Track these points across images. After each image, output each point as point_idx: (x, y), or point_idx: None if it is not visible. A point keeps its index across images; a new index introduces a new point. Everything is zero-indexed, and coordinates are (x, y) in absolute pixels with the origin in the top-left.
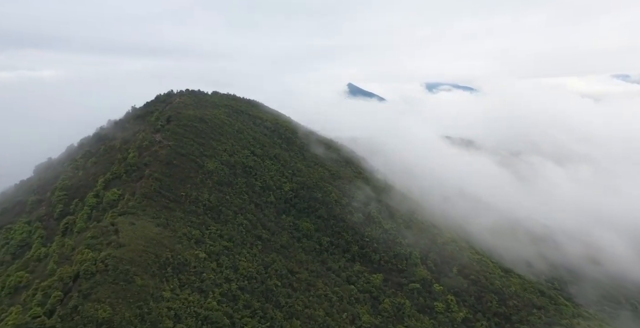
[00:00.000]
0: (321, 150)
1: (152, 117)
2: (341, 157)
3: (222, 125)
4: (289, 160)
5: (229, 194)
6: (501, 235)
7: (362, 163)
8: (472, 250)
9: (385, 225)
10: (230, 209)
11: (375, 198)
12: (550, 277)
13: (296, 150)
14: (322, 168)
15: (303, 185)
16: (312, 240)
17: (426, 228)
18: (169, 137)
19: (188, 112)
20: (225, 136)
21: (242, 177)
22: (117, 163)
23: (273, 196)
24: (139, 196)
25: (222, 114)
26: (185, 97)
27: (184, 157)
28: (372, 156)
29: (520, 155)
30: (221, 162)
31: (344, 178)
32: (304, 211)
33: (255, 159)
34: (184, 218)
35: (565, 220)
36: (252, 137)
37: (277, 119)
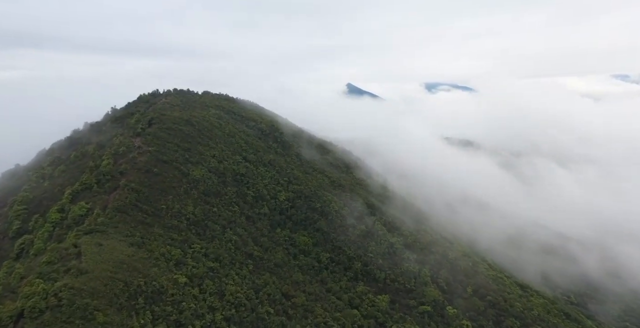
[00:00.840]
0: (320, 155)
1: (132, 119)
2: (341, 162)
3: (212, 128)
4: (285, 167)
5: (216, 206)
6: (512, 245)
7: (363, 168)
8: (485, 265)
9: (391, 238)
10: (218, 223)
11: (378, 208)
12: (566, 289)
13: (293, 155)
14: (321, 175)
15: (300, 194)
16: (310, 256)
17: (435, 241)
18: (150, 141)
19: (173, 113)
20: (215, 140)
21: (233, 186)
22: (88, 172)
23: (267, 207)
24: (111, 210)
25: (212, 116)
26: (172, 97)
27: (167, 165)
28: (372, 159)
29: (522, 156)
30: (209, 170)
31: (344, 185)
32: (300, 223)
33: (248, 166)
34: (163, 235)
35: (578, 228)
36: (245, 141)
37: (273, 120)
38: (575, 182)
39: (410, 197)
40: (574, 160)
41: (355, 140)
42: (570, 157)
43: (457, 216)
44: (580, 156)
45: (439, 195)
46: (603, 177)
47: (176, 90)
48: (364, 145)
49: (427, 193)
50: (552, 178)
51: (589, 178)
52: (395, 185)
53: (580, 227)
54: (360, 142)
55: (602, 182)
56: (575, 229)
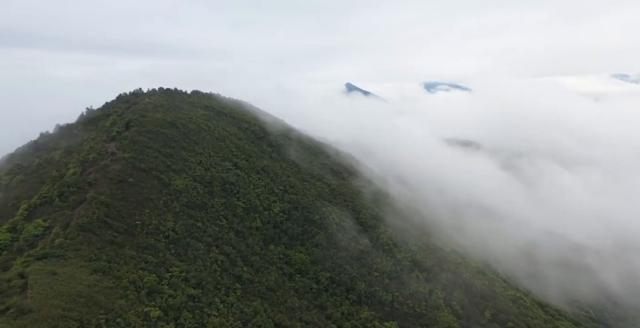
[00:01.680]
0: (319, 160)
1: (107, 121)
2: (341, 167)
3: (199, 131)
4: (280, 174)
5: (201, 220)
6: (525, 256)
7: (364, 173)
8: (502, 283)
9: (397, 254)
10: (202, 241)
11: (382, 218)
12: (584, 303)
13: (289, 161)
14: (320, 183)
15: (297, 205)
16: (307, 276)
17: (446, 257)
18: (126, 147)
19: (155, 115)
20: (201, 145)
21: (221, 196)
22: (49, 182)
23: (259, 220)
24: (74, 229)
25: (200, 118)
26: (156, 97)
27: (144, 173)
28: (371, 161)
29: (523, 157)
30: (194, 178)
31: (346, 194)
32: (297, 238)
33: (238, 173)
34: (135, 257)
35: (590, 235)
36: (236, 146)
37: (269, 122)
38: (580, 184)
39: (414, 203)
40: (576, 161)
41: (354, 142)
42: (571, 158)
43: (464, 224)
44: (582, 157)
45: (442, 200)
46: (607, 179)
47: (162, 89)
48: (362, 146)
49: (430, 198)
50: (557, 181)
51: (594, 180)
52: (397, 190)
53: (592, 234)
54: (359, 143)
55: (607, 184)
56: (587, 237)
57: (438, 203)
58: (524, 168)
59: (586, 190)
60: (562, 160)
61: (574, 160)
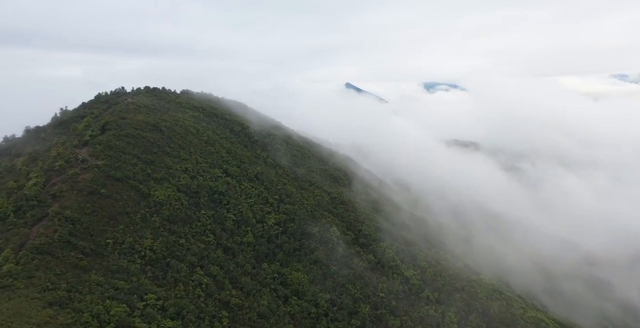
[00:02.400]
0: (318, 165)
1: (80, 123)
2: (342, 173)
3: (185, 134)
4: (276, 181)
5: (185, 236)
6: (538, 268)
7: (366, 178)
8: (521, 303)
9: (405, 271)
10: (185, 260)
11: (387, 230)
12: (604, 319)
13: (286, 166)
14: (320, 191)
15: (294, 216)
16: (305, 299)
17: (459, 274)
18: (100, 153)
19: (137, 117)
20: (188, 150)
21: (208, 208)
22: (4, 195)
23: (252, 234)
24: (29, 251)
25: (188, 120)
26: (140, 96)
27: (120, 183)
28: (372, 164)
29: (526, 158)
30: (178, 188)
31: (347, 203)
32: (294, 254)
33: (229, 181)
34: (103, 284)
35: (602, 243)
36: (227, 150)
37: (265, 124)
38: (585, 187)
39: (417, 210)
40: (579, 162)
41: (353, 143)
42: (573, 159)
43: (471, 232)
44: (584, 159)
45: (446, 206)
46: (612, 182)
47: (148, 89)
48: (361, 148)
49: (434, 204)
50: (560, 184)
51: (599, 183)
52: (399, 196)
53: (604, 242)
54: (358, 145)
55: (613, 187)
56: (599, 244)
57: (442, 210)
58: (526, 171)
59: (592, 193)
60: (564, 161)
61: (576, 162)
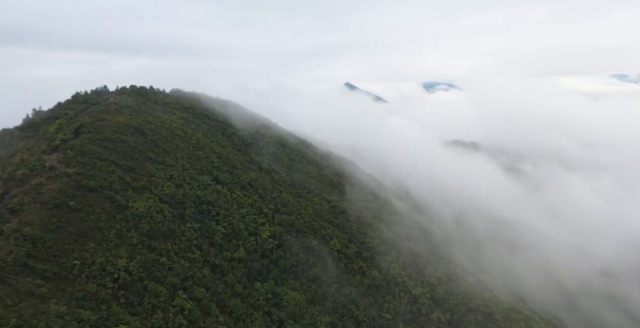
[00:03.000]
0: (317, 169)
1: (51, 126)
2: (343, 178)
3: (172, 138)
4: (271, 189)
5: (167, 254)
6: (553, 282)
7: (367, 182)
8: (540, 323)
9: (414, 289)
10: (166, 282)
11: (393, 242)
12: None
13: (283, 172)
14: (319, 199)
15: (290, 228)
16: (302, 323)
17: (472, 291)
18: (72, 159)
19: (118, 118)
20: (174, 155)
21: (195, 220)
22: None
23: (243, 249)
24: None
25: (175, 121)
26: (124, 96)
27: (93, 194)
28: (373, 167)
29: (527, 159)
30: (160, 199)
31: (348, 212)
32: (290, 270)
33: (220, 190)
34: (65, 315)
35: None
36: (218, 155)
37: (260, 126)
38: (591, 190)
39: (421, 217)
40: (582, 164)
41: (353, 145)
42: (576, 161)
43: (479, 241)
44: (587, 160)
45: (450, 212)
46: (618, 185)
47: (134, 88)
48: (361, 150)
49: (438, 210)
50: (565, 187)
51: (605, 185)
52: (402, 202)
53: (617, 250)
54: (358, 146)
55: (619, 190)
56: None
57: (446, 215)
58: (528, 172)
59: (598, 196)
60: (565, 162)
61: (578, 163)
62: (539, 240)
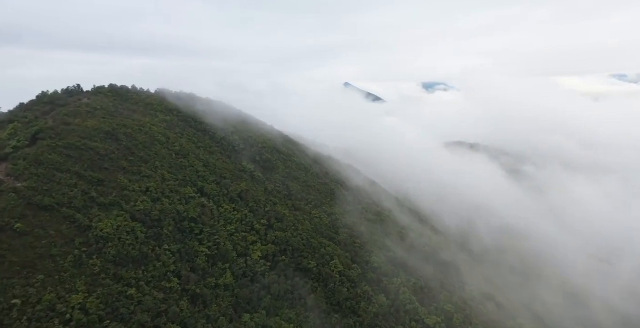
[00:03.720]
0: (316, 178)
1: (4, 130)
2: (344, 185)
3: (151, 143)
4: (264, 201)
5: (136, 284)
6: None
7: (369, 190)
8: None
9: (428, 318)
10: (132, 322)
11: (401, 262)
12: None
13: (277, 180)
14: (318, 211)
15: (286, 246)
16: None
17: (493, 318)
18: (24, 170)
19: (87, 122)
20: (153, 164)
21: (174, 240)
22: None
23: (230, 273)
24: None
25: (157, 125)
26: (100, 96)
27: (47, 213)
28: (374, 172)
29: (529, 161)
30: (132, 216)
31: (351, 226)
32: (284, 297)
33: (205, 203)
34: None
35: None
36: (204, 163)
37: (254, 129)
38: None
39: (427, 227)
40: (583, 165)
41: (353, 148)
42: (577, 161)
43: (491, 255)
44: (587, 160)
45: (459, 220)
46: (622, 187)
47: (113, 87)
48: (362, 153)
49: (446, 220)
50: (570, 190)
51: (609, 188)
52: (408, 211)
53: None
54: (358, 149)
55: (624, 193)
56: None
57: (454, 226)
58: (529, 173)
59: (605, 200)
60: (567, 163)
61: (580, 164)
62: (553, 254)
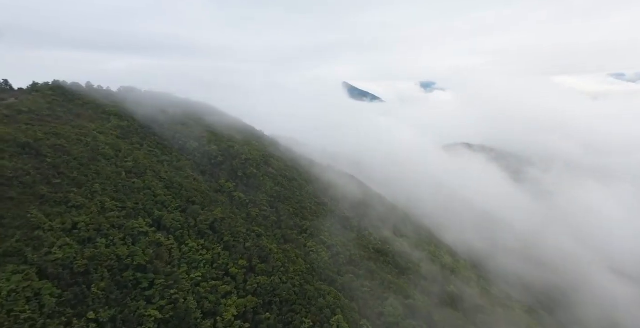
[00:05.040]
0: (312, 198)
1: None
2: (348, 207)
3: (92, 159)
4: (245, 234)
5: None
6: None
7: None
8: None
9: None
10: None
11: (423, 310)
12: None
13: (264, 202)
14: (314, 242)
15: (272, 298)
16: None
17: None
18: None
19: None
20: (89, 188)
21: (106, 304)
22: None
23: None
24: None
25: (106, 133)
26: (35, 95)
27: None
28: (376, 179)
29: (529, 163)
30: (41, 271)
31: (357, 262)
32: None
33: (161, 241)
34: None
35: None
36: (167, 184)
37: (237, 137)
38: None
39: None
40: (591, 169)
41: (351, 152)
42: (581, 165)
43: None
44: (592, 162)
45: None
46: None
47: (58, 84)
48: (363, 158)
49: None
50: (575, 194)
51: (618, 193)
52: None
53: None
54: (357, 154)
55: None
56: None
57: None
58: (537, 179)
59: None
60: (571, 165)
61: (586, 167)
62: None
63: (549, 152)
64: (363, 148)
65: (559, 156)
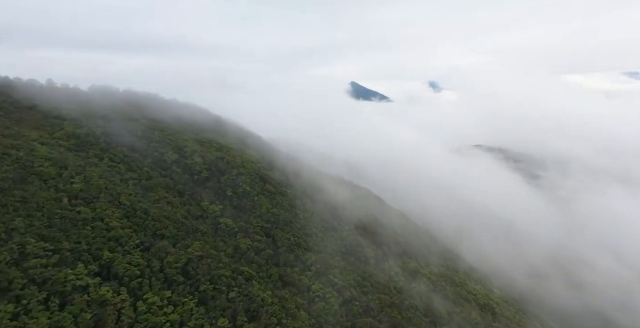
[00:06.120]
0: (320, 221)
1: None
2: (364, 233)
3: (21, 179)
4: (229, 278)
5: None
6: None
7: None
8: None
9: None
10: None
11: None
12: None
13: (256, 229)
14: (323, 283)
15: None
16: None
17: None
18: None
19: None
20: (6, 225)
21: None
22: None
23: None
24: None
25: (52, 143)
26: None
27: None
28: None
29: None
30: None
31: (378, 313)
32: None
33: (107, 299)
34: None
35: None
36: (127, 211)
37: (228, 144)
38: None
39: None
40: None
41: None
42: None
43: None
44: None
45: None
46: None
47: (6, 80)
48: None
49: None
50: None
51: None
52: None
53: None
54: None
55: None
56: None
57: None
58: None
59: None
60: (587, 166)
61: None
62: None
63: (563, 153)
64: (372, 154)
65: (574, 158)
